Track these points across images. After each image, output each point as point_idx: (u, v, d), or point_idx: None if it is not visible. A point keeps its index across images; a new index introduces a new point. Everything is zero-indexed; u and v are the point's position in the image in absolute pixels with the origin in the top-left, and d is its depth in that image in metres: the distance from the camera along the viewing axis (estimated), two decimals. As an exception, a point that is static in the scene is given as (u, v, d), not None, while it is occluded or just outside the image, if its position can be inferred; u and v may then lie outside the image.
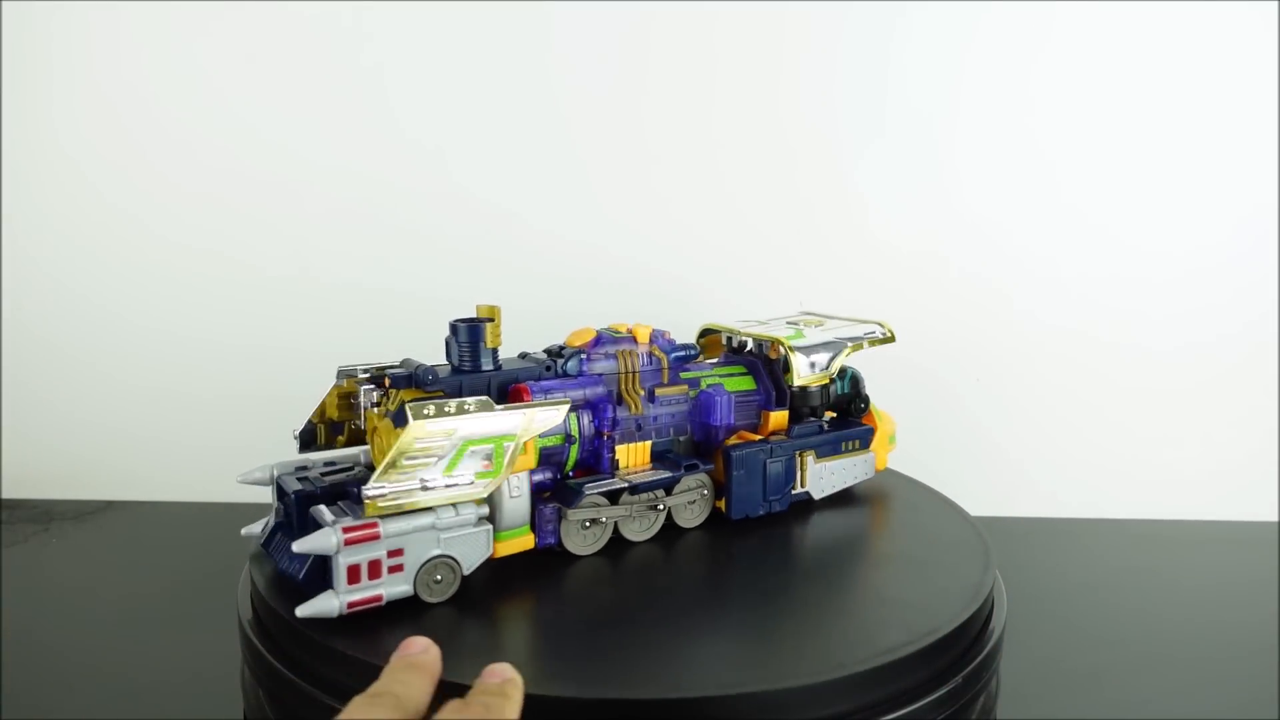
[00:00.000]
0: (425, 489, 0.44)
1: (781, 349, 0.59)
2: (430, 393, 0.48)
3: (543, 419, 0.47)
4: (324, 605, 0.42)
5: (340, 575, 0.42)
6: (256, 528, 0.50)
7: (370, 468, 0.51)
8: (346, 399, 0.51)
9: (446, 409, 0.44)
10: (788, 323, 0.64)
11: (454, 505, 0.45)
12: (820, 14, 0.79)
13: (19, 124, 0.81)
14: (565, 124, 0.82)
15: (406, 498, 0.44)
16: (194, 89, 0.81)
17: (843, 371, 0.62)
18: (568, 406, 0.49)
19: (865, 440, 0.62)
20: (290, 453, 0.51)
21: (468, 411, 0.45)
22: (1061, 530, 0.82)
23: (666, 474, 0.54)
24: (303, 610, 0.42)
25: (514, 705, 0.34)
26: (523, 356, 0.53)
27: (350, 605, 0.43)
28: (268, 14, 0.79)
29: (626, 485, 0.52)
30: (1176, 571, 0.75)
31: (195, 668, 0.58)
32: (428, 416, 0.44)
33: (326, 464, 0.51)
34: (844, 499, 0.61)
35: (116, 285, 0.84)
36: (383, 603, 0.43)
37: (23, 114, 0.81)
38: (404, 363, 0.50)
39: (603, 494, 0.51)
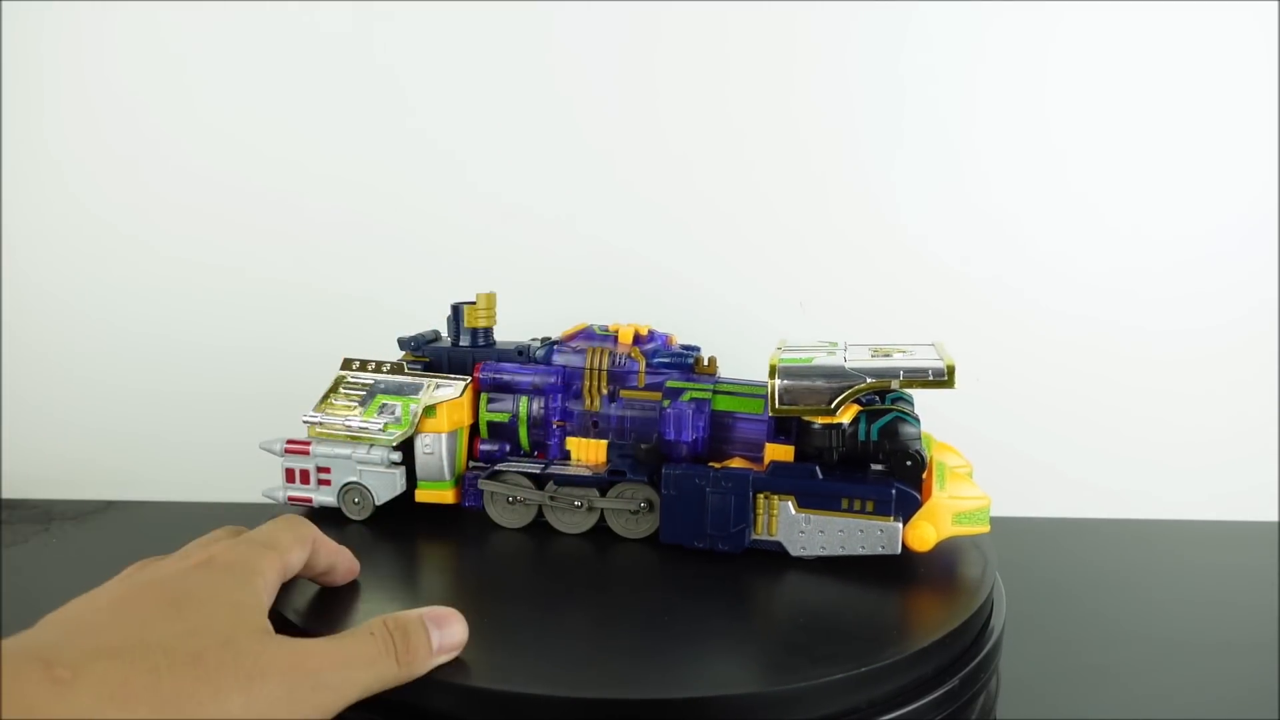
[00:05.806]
0: (346, 426, 0.55)
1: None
2: (418, 356, 0.57)
3: (443, 391, 0.55)
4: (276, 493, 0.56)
5: (283, 475, 0.56)
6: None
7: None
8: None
9: (369, 367, 0.56)
10: (830, 347, 0.54)
11: (370, 445, 0.54)
12: (833, 14, 0.79)
13: (18, 124, 0.81)
14: (576, 126, 0.81)
15: (332, 429, 0.55)
16: (191, 89, 0.81)
17: (877, 414, 0.51)
18: (465, 384, 0.55)
19: (885, 504, 0.49)
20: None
21: (383, 372, 0.56)
22: (1061, 530, 0.82)
23: (589, 474, 0.53)
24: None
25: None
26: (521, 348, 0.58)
27: (289, 499, 0.56)
28: (264, 16, 0.79)
29: (540, 471, 0.53)
30: (1176, 571, 0.74)
31: (194, 668, 0.58)
32: (351, 369, 0.57)
33: None
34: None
35: (116, 285, 0.83)
36: (314, 504, 0.55)
37: (22, 114, 0.81)
38: (433, 332, 0.59)
39: (524, 475, 0.53)
